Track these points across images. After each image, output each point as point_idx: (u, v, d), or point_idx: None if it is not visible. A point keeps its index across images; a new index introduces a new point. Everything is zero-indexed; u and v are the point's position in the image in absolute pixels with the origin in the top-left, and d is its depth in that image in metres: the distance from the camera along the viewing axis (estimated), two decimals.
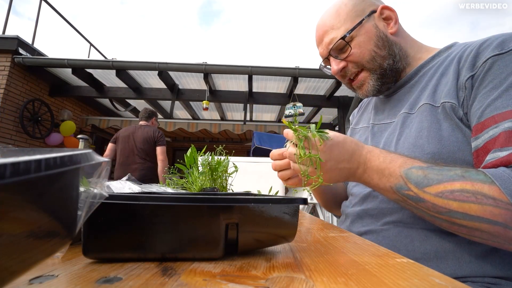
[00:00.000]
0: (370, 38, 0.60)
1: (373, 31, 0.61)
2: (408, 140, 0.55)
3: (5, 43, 3.93)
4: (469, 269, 0.46)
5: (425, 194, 0.43)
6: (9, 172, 0.11)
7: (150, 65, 3.86)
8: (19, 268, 0.14)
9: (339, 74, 0.66)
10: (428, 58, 0.62)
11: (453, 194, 0.41)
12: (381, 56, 0.61)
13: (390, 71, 0.62)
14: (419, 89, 0.60)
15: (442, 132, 0.51)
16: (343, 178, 0.51)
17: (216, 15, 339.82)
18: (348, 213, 0.67)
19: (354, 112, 0.89)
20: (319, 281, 0.23)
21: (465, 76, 0.50)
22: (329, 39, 0.63)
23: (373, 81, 0.63)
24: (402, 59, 0.63)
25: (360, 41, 0.60)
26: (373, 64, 0.61)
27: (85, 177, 0.19)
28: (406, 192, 0.45)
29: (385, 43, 0.61)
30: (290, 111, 4.12)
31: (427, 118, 0.53)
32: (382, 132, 0.65)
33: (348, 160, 0.49)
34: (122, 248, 0.27)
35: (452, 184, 0.42)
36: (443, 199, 0.42)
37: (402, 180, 0.45)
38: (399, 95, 0.65)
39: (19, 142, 4.11)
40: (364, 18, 0.61)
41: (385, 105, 0.68)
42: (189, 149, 0.81)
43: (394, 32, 0.62)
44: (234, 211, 0.29)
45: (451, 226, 0.43)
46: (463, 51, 0.54)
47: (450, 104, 0.51)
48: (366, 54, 0.61)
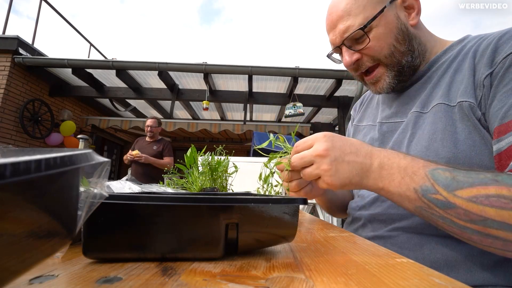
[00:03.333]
0: (391, 30, 0.54)
1: (394, 22, 0.54)
2: (421, 143, 0.51)
3: (5, 43, 3.93)
4: (481, 278, 0.44)
5: (456, 199, 0.37)
6: (9, 172, 0.11)
7: (150, 65, 3.86)
8: (19, 268, 0.14)
9: (351, 66, 0.60)
10: (440, 52, 0.57)
11: (489, 200, 0.36)
12: (400, 51, 0.55)
13: (408, 68, 0.57)
14: (431, 85, 0.55)
15: (458, 135, 0.47)
16: (355, 176, 0.43)
17: (216, 14, 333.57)
18: (356, 217, 0.64)
19: (355, 106, 0.82)
20: (319, 281, 0.23)
21: (483, 73, 0.46)
22: (345, 26, 0.56)
23: (389, 79, 0.58)
24: (421, 55, 0.58)
25: (379, 33, 0.54)
26: (391, 60, 0.56)
27: (85, 177, 0.19)
28: (433, 196, 0.39)
29: (405, 37, 0.55)
30: (290, 111, 4.12)
31: (442, 119, 0.49)
32: (392, 132, 0.60)
33: (356, 153, 0.43)
34: (122, 248, 0.27)
35: (486, 188, 0.36)
36: (477, 205, 0.36)
37: (429, 182, 0.39)
38: (410, 92, 0.60)
39: (19, 142, 4.11)
40: (386, 6, 0.54)
41: (393, 102, 0.63)
42: (189, 149, 0.81)
43: (415, 24, 0.56)
44: (234, 211, 0.29)
45: (483, 239, 0.37)
46: (478, 44, 0.50)
47: (468, 103, 0.47)
48: (385, 48, 0.55)
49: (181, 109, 5.68)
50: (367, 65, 0.58)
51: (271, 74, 3.92)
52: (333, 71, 3.80)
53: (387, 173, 0.43)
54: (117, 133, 7.04)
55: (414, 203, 0.41)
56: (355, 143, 0.45)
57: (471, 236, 0.38)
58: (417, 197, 0.40)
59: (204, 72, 3.87)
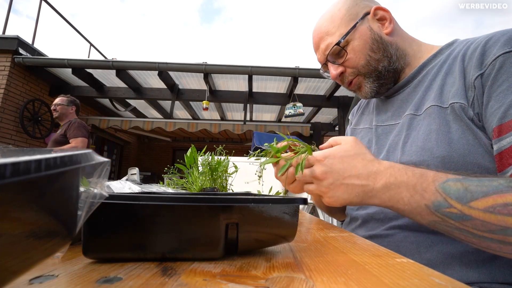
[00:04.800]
0: (365, 41, 0.60)
1: (368, 33, 0.60)
2: (416, 143, 0.53)
3: (5, 43, 3.94)
4: (476, 274, 0.45)
5: (471, 210, 0.37)
6: (9, 172, 0.11)
7: (150, 65, 3.86)
8: (19, 268, 0.14)
9: (338, 79, 0.66)
10: (430, 57, 0.61)
11: (507, 209, 0.35)
12: (375, 59, 0.60)
13: (387, 72, 0.62)
14: (423, 89, 0.58)
15: (452, 135, 0.49)
16: (355, 198, 0.44)
17: (217, 13, 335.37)
18: (353, 217, 0.66)
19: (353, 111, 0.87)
20: (319, 281, 0.23)
21: (473, 75, 0.48)
22: (325, 45, 0.63)
23: (369, 84, 0.63)
24: (400, 59, 0.62)
25: (355, 46, 0.60)
26: (368, 68, 0.61)
27: (85, 177, 0.19)
28: (447, 210, 0.38)
29: (380, 45, 0.60)
30: (290, 111, 4.12)
31: (436, 121, 0.51)
32: (387, 134, 0.63)
33: (358, 176, 0.44)
34: (122, 248, 0.27)
35: (503, 196, 0.36)
36: (495, 215, 0.35)
37: (441, 196, 0.39)
38: (403, 95, 0.63)
39: (19, 142, 4.11)
40: (358, 21, 0.60)
41: (388, 106, 0.67)
42: (189, 149, 0.81)
43: (389, 32, 0.61)
44: (234, 211, 0.29)
45: (503, 247, 0.37)
46: (466, 48, 0.53)
47: (459, 104, 0.49)
48: (361, 59, 0.61)
49: (181, 109, 5.68)
50: (349, 78, 0.65)
51: (271, 74, 3.92)
52: None
53: (395, 193, 0.43)
54: (117, 133, 7.04)
55: (427, 218, 0.41)
56: (358, 165, 0.45)
57: (490, 244, 0.38)
58: (430, 212, 0.40)
59: (204, 72, 3.87)
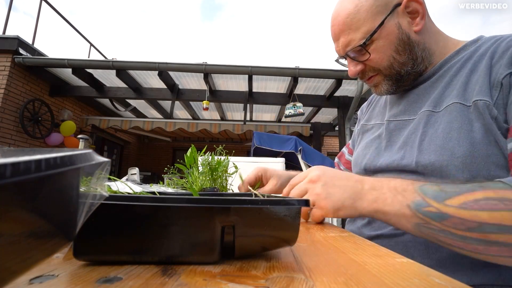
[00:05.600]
0: (391, 41, 0.55)
1: (395, 32, 0.54)
2: (435, 142, 0.50)
3: (6, 43, 3.94)
4: (486, 277, 0.44)
5: (447, 208, 0.38)
6: (9, 172, 0.11)
7: (150, 65, 3.86)
8: (19, 268, 0.14)
9: (356, 76, 0.63)
10: (453, 52, 0.57)
11: (478, 204, 0.37)
12: (399, 62, 0.56)
13: (408, 75, 0.58)
14: (443, 85, 0.55)
15: (474, 134, 0.46)
16: (348, 199, 0.45)
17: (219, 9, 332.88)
18: None
19: (362, 108, 0.83)
20: (319, 281, 0.23)
21: (502, 73, 0.46)
22: (346, 40, 0.57)
23: (387, 86, 0.60)
24: (425, 60, 0.58)
25: (379, 46, 0.55)
26: (390, 71, 0.58)
27: (85, 177, 0.19)
28: (426, 209, 0.40)
29: (406, 47, 0.55)
30: (290, 111, 4.12)
31: (457, 119, 0.49)
32: (401, 130, 0.59)
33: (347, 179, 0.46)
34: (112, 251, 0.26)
35: (473, 194, 0.38)
36: (468, 211, 0.37)
37: (419, 196, 0.41)
38: (419, 90, 0.60)
39: (19, 142, 4.11)
40: (387, 17, 0.54)
41: (401, 100, 0.63)
42: (189, 149, 0.81)
43: (419, 30, 0.55)
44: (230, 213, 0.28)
45: (489, 247, 0.37)
46: (497, 45, 0.50)
47: (483, 101, 0.46)
48: (384, 60, 0.57)
49: (181, 109, 5.68)
50: (369, 74, 0.61)
51: (271, 74, 3.92)
52: (333, 71, 3.80)
53: (379, 193, 0.44)
54: (117, 133, 7.04)
55: (411, 220, 0.42)
56: (346, 173, 0.49)
57: (477, 247, 0.38)
58: (412, 213, 0.41)
59: (204, 72, 3.87)
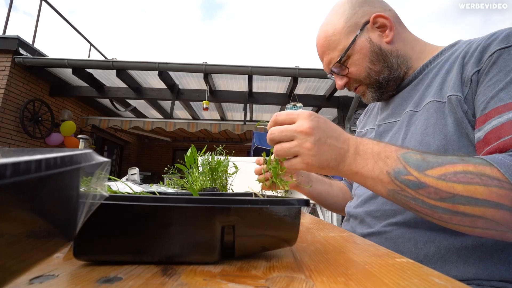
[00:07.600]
0: (365, 54, 0.61)
1: (367, 46, 0.60)
2: (414, 138, 0.54)
3: (6, 43, 3.94)
4: (474, 271, 0.45)
5: (426, 178, 0.39)
6: (9, 172, 0.11)
7: (150, 65, 3.86)
8: (20, 268, 0.14)
9: (343, 88, 0.69)
10: (432, 57, 0.61)
11: (457, 176, 0.38)
12: (376, 71, 0.62)
13: (387, 82, 0.63)
14: (423, 87, 0.59)
15: (448, 127, 0.50)
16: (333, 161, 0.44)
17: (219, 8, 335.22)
18: (352, 214, 0.67)
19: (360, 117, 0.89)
20: (319, 281, 0.23)
21: (471, 71, 0.49)
22: (328, 59, 0.65)
23: (371, 93, 0.66)
24: (402, 65, 0.62)
25: (355, 60, 0.62)
26: (369, 80, 0.63)
27: (85, 177, 0.19)
28: (405, 178, 0.41)
29: (379, 57, 0.61)
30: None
31: (433, 115, 0.52)
32: (388, 132, 0.65)
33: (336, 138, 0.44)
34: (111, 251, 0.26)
35: (454, 166, 0.39)
36: (446, 182, 0.38)
37: (401, 164, 0.41)
38: (403, 94, 0.64)
39: (19, 142, 4.11)
40: (357, 34, 0.60)
41: (389, 105, 0.68)
42: (189, 149, 0.81)
43: (389, 41, 0.61)
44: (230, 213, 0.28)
45: (453, 217, 0.39)
46: (469, 47, 0.53)
47: (456, 96, 0.50)
48: (362, 72, 0.63)
49: (181, 109, 5.68)
50: (354, 85, 0.68)
51: (271, 74, 3.92)
52: None
53: (362, 159, 0.44)
54: (117, 133, 7.04)
55: (387, 186, 0.43)
56: (337, 128, 0.46)
57: (442, 215, 0.40)
58: (390, 180, 0.42)
59: (204, 72, 3.87)
